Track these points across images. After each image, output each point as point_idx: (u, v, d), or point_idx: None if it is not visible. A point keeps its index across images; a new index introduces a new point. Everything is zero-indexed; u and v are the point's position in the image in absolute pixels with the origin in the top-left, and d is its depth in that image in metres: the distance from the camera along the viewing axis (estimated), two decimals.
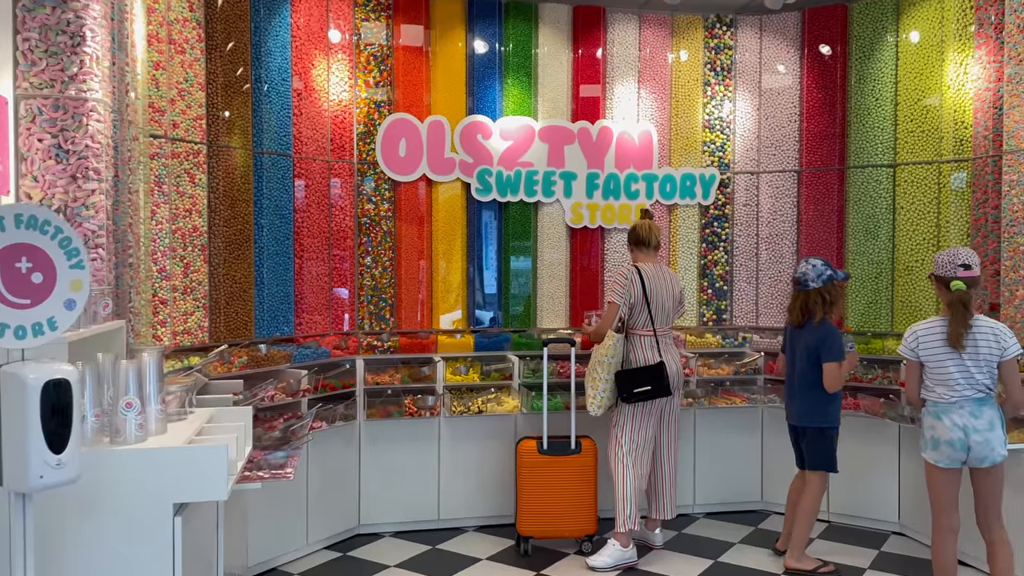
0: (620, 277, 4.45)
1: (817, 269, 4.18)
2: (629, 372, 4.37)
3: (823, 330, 4.15)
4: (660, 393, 4.32)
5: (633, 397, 4.33)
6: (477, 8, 5.20)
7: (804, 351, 4.19)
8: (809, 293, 4.20)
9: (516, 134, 5.24)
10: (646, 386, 4.30)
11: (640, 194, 5.43)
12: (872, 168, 5.19)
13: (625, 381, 4.35)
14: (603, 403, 4.44)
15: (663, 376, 4.31)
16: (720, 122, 5.56)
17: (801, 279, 4.22)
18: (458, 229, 5.22)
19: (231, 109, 4.38)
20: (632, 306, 4.41)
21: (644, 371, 4.35)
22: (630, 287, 4.40)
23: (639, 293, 4.39)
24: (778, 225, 5.52)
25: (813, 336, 4.16)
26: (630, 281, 4.41)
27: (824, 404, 4.21)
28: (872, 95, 5.18)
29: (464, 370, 4.92)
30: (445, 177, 5.17)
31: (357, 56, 5.05)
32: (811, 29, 5.38)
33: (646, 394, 4.31)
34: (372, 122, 5.06)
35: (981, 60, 4.67)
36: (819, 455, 4.22)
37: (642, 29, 5.46)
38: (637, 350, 4.43)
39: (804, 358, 4.20)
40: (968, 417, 3.44)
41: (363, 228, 5.07)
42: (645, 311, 4.40)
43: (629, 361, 4.44)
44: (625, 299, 4.40)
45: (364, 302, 5.08)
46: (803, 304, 4.22)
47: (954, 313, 3.48)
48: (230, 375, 4.16)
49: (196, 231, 4.21)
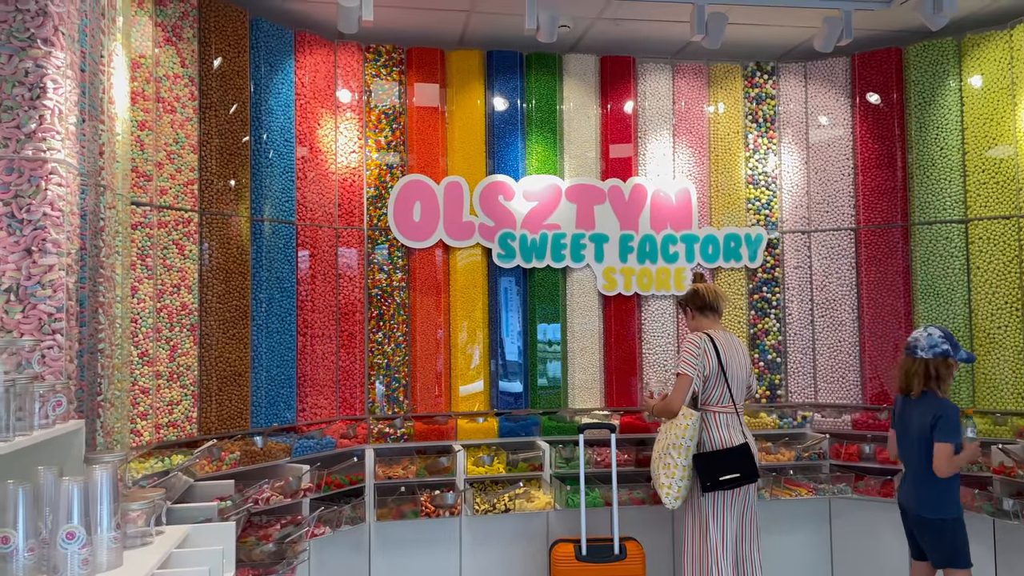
0: (691, 346, 3.86)
1: (932, 339, 3.61)
2: (713, 455, 3.75)
3: (938, 406, 3.56)
4: (748, 479, 3.71)
5: (718, 485, 3.69)
6: (496, 62, 4.80)
7: (917, 429, 3.62)
8: (914, 362, 3.63)
9: (541, 194, 4.77)
10: (734, 472, 3.68)
11: (679, 257, 4.91)
12: (940, 224, 4.64)
13: (709, 466, 3.72)
14: (681, 493, 3.80)
15: (751, 459, 3.71)
16: (765, 177, 5.07)
17: (911, 345, 3.66)
18: (479, 299, 4.71)
19: (227, 173, 3.96)
20: (706, 379, 3.82)
21: (730, 454, 3.73)
22: (703, 357, 3.81)
23: (714, 364, 3.80)
24: (834, 289, 4.96)
25: (927, 412, 3.57)
26: (703, 350, 3.82)
27: (944, 490, 3.58)
28: (936, 144, 4.67)
29: (488, 460, 4.34)
30: (464, 242, 4.69)
31: (367, 115, 4.65)
32: (862, 75, 4.92)
33: (733, 482, 3.68)
34: (384, 185, 4.62)
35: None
36: (948, 550, 3.58)
37: (676, 79, 5.03)
38: (712, 430, 3.80)
39: (916, 436, 3.62)
40: None
41: (374, 300, 4.58)
42: (722, 384, 3.81)
43: (702, 443, 3.82)
44: (699, 371, 3.81)
45: (375, 383, 4.54)
46: (905, 371, 3.68)
47: None
48: (219, 474, 3.62)
49: (185, 309, 3.74)
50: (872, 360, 4.81)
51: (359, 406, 4.51)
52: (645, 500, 4.33)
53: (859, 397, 4.86)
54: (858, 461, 4.65)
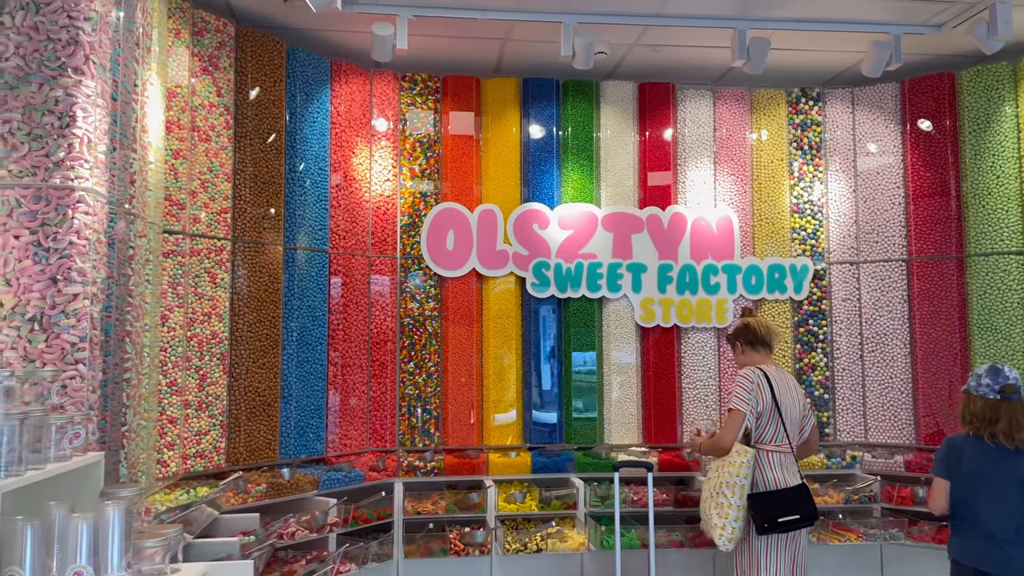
0: (744, 380, 3.66)
1: (1015, 373, 3.23)
2: (771, 496, 3.52)
3: None
4: (807, 522, 3.50)
5: (776, 527, 3.49)
6: (532, 89, 4.75)
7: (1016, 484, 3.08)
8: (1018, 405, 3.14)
9: (576, 223, 4.67)
10: (793, 514, 3.47)
11: (721, 288, 4.75)
12: (998, 256, 4.41)
13: (766, 506, 3.49)
14: (736, 535, 3.58)
15: (811, 500, 3.50)
16: (811, 206, 4.89)
17: (1017, 386, 3.17)
18: (512, 329, 4.61)
19: (261, 201, 3.95)
20: (759, 415, 3.62)
21: (788, 494, 3.52)
22: (757, 392, 3.60)
23: (768, 400, 3.60)
24: (884, 323, 4.74)
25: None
26: (757, 385, 3.61)
27: None
28: (992, 172, 4.46)
29: (520, 496, 4.20)
30: (497, 271, 4.60)
31: (402, 143, 4.62)
32: (912, 101, 4.74)
33: (792, 524, 3.47)
34: (418, 213, 4.57)
35: None
36: None
37: (717, 106, 4.90)
38: (766, 469, 3.58)
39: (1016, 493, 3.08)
40: None
41: (406, 329, 4.51)
42: (776, 422, 3.59)
43: (755, 482, 3.62)
44: (752, 407, 3.60)
45: (406, 414, 4.46)
46: (1011, 419, 3.13)
47: None
48: (245, 507, 3.56)
49: (215, 337, 3.71)
50: (926, 398, 4.57)
51: (389, 438, 4.42)
52: (684, 543, 4.14)
53: (912, 437, 4.61)
54: (911, 505, 4.39)
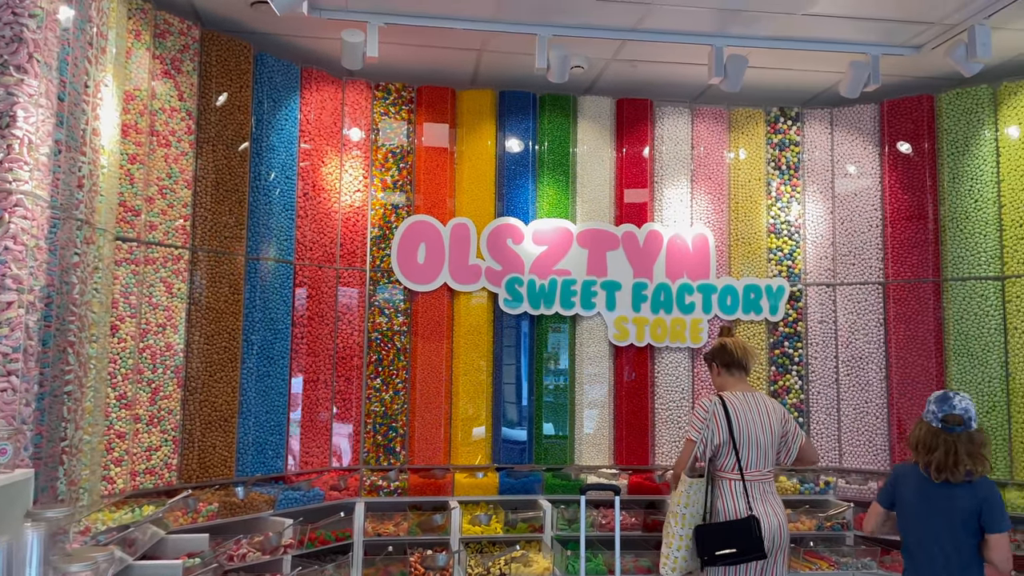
0: (700, 410, 3.57)
1: (974, 406, 3.05)
2: (712, 528, 3.43)
3: (983, 490, 2.91)
4: (750, 556, 3.37)
5: (715, 561, 3.39)
6: (509, 102, 4.67)
7: (960, 518, 2.91)
8: (972, 435, 2.96)
9: (551, 238, 4.58)
10: (730, 547, 3.36)
11: (696, 307, 4.67)
12: (975, 281, 4.36)
13: (707, 539, 3.41)
14: (679, 565, 3.48)
15: (752, 534, 3.36)
16: (787, 227, 4.83)
17: (964, 417, 2.97)
18: (483, 346, 4.50)
19: (223, 210, 3.83)
20: (717, 446, 3.53)
21: (729, 528, 3.41)
22: (712, 422, 3.52)
23: (724, 429, 3.51)
24: (861, 346, 4.67)
25: (971, 498, 2.90)
26: (712, 415, 3.52)
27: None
28: (970, 196, 4.41)
29: (485, 519, 4.08)
30: (469, 286, 4.50)
31: (374, 154, 4.52)
32: (891, 122, 4.70)
33: (731, 558, 3.36)
34: (388, 225, 4.47)
35: None
36: None
37: (695, 123, 4.84)
38: (726, 498, 3.48)
39: (959, 528, 2.92)
40: None
41: (374, 344, 4.39)
42: (732, 452, 3.50)
43: (716, 512, 3.52)
44: (705, 436, 3.52)
45: (371, 432, 4.33)
46: (968, 450, 2.93)
47: None
48: (194, 527, 3.41)
49: (170, 349, 3.58)
50: (901, 423, 4.50)
51: (353, 456, 4.29)
52: (651, 569, 4.03)
53: (887, 463, 4.53)
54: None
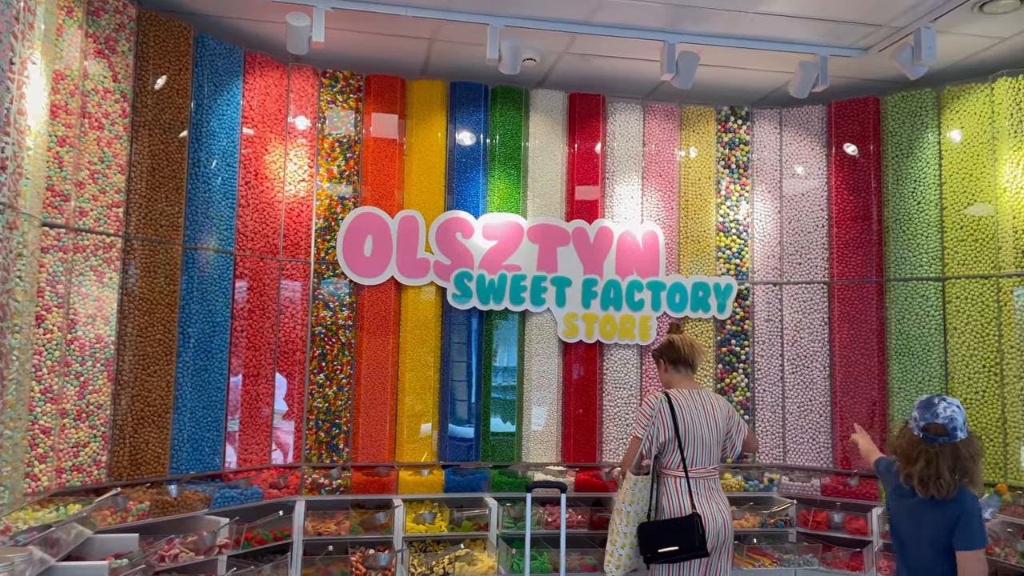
0: (646, 407, 3.57)
1: (962, 412, 2.70)
2: (655, 525, 3.44)
3: (961, 504, 2.63)
4: (692, 554, 3.37)
5: (658, 558, 3.39)
6: (460, 93, 4.59)
7: (934, 535, 2.68)
8: (958, 447, 2.64)
9: (501, 232, 4.52)
10: (672, 545, 3.36)
11: (645, 304, 4.66)
12: (917, 281, 4.44)
13: (649, 536, 3.41)
14: (622, 563, 3.48)
15: (695, 531, 3.37)
16: (736, 225, 4.86)
17: (948, 427, 2.65)
18: (431, 341, 4.42)
19: (158, 196, 3.68)
20: (662, 444, 3.53)
21: (671, 525, 3.42)
22: (658, 419, 3.52)
23: (669, 427, 3.51)
24: (806, 344, 4.72)
25: (944, 513, 2.65)
26: (658, 412, 3.53)
27: None
28: (913, 199, 4.49)
29: (429, 517, 4.00)
30: (417, 280, 4.42)
31: (320, 143, 4.40)
32: (839, 124, 4.75)
33: (673, 556, 3.37)
34: (334, 216, 4.36)
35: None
36: None
37: (647, 120, 4.83)
38: (671, 496, 3.49)
39: (928, 543, 2.69)
40: None
41: (317, 339, 4.28)
42: (678, 450, 3.50)
43: (661, 509, 3.52)
44: (650, 434, 3.52)
45: (314, 428, 4.22)
46: (953, 464, 2.63)
47: None
48: (124, 526, 3.27)
49: (100, 341, 3.43)
50: (843, 421, 4.56)
51: (294, 453, 4.18)
52: (596, 567, 4.01)
53: (829, 460, 4.59)
54: (827, 530, 4.36)
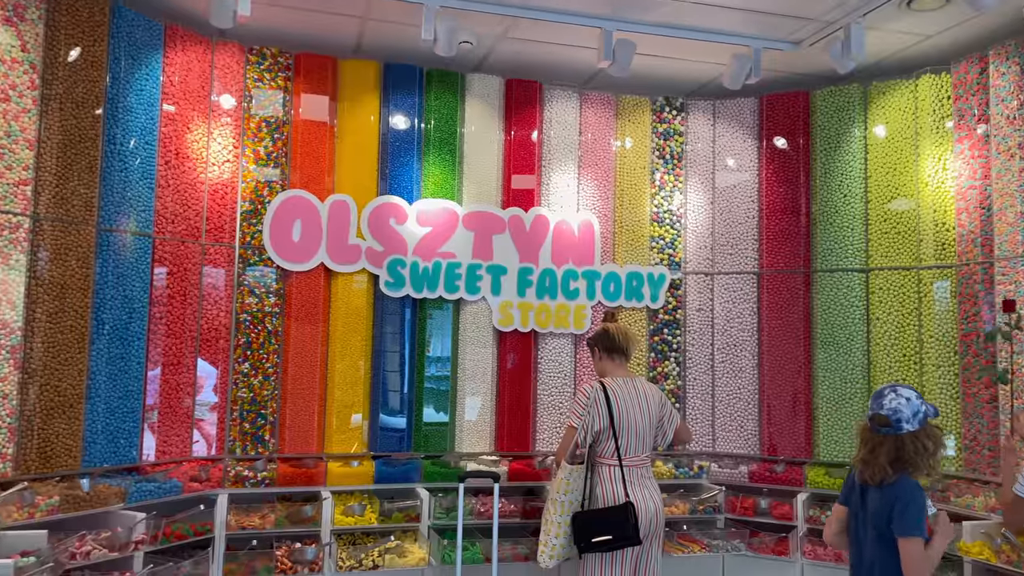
0: (581, 396, 3.58)
1: (913, 405, 2.65)
2: (589, 515, 3.45)
3: (896, 490, 2.61)
4: (625, 542, 3.39)
5: (592, 547, 3.39)
6: (394, 76, 4.48)
7: (875, 522, 2.66)
8: (903, 439, 2.62)
9: (436, 219, 4.44)
10: (606, 535, 3.36)
11: (580, 293, 4.66)
12: (842, 273, 4.55)
13: (581, 527, 3.42)
14: (556, 553, 3.48)
15: (628, 520, 3.38)
16: (670, 216, 4.89)
17: (892, 418, 2.65)
18: (362, 330, 4.32)
19: (70, 175, 3.47)
20: (597, 432, 3.53)
21: (605, 514, 3.43)
22: (593, 408, 3.53)
23: (604, 415, 3.52)
24: (735, 334, 4.80)
25: (886, 499, 2.62)
26: (593, 401, 3.53)
27: None
28: (840, 192, 4.60)
29: (359, 509, 3.92)
30: (348, 267, 4.30)
31: (246, 123, 4.23)
32: (770, 117, 4.83)
33: (606, 544, 3.37)
34: (261, 199, 4.20)
35: (963, 155, 4.14)
36: None
37: (583, 109, 4.81)
38: (605, 485, 3.50)
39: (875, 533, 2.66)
40: None
41: (242, 327, 4.13)
42: (612, 438, 3.51)
43: (595, 498, 3.52)
44: (586, 423, 3.52)
45: (238, 419, 4.07)
46: (895, 455, 2.62)
47: None
48: (31, 523, 3.09)
49: (5, 327, 3.22)
50: (770, 409, 4.66)
51: (217, 445, 4.03)
52: (529, 556, 3.99)
53: (756, 447, 4.68)
54: (753, 516, 4.45)
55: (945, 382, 4.15)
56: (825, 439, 4.48)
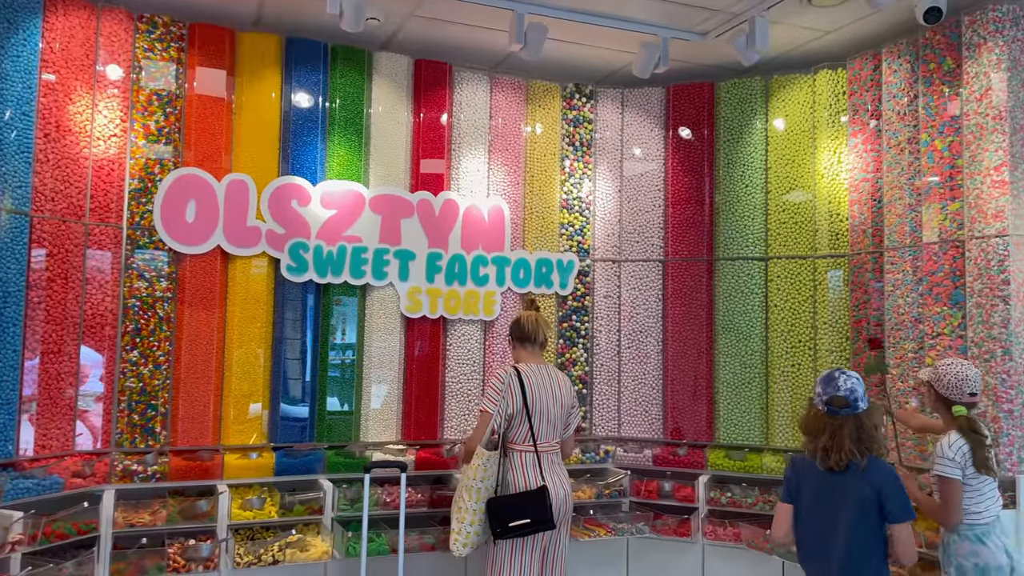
0: (496, 381, 3.55)
1: (861, 383, 2.74)
2: (506, 500, 3.43)
3: (880, 476, 2.67)
4: (542, 526, 3.38)
5: (508, 532, 3.36)
6: (297, 51, 4.29)
7: (856, 507, 2.67)
8: (860, 418, 2.69)
9: (341, 201, 4.30)
10: (524, 518, 3.35)
11: (490, 279, 4.61)
12: (743, 261, 4.68)
13: (498, 512, 3.39)
14: (470, 540, 3.43)
15: (545, 504, 3.38)
16: (579, 203, 4.90)
17: (850, 398, 2.69)
18: (262, 316, 4.14)
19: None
20: (511, 416, 3.51)
21: (522, 499, 3.41)
22: (507, 393, 3.50)
23: (518, 400, 3.50)
24: (641, 320, 4.87)
25: (868, 483, 2.66)
26: (507, 385, 3.51)
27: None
28: (742, 182, 4.72)
29: (258, 502, 3.76)
30: (247, 250, 4.11)
31: (135, 95, 3.97)
32: (676, 107, 4.90)
33: (524, 528, 3.36)
34: (152, 177, 3.95)
35: (857, 149, 4.32)
36: None
37: (494, 93, 4.75)
38: (517, 470, 3.48)
39: (855, 518, 2.67)
40: (1003, 536, 3.06)
41: (131, 313, 3.88)
42: (526, 422, 3.50)
43: (507, 484, 3.49)
44: (501, 408, 3.49)
45: (126, 410, 3.83)
46: (857, 435, 2.67)
47: (969, 439, 3.00)
48: None
49: None
50: (674, 394, 4.76)
51: (103, 438, 3.78)
52: (436, 546, 3.94)
53: (660, 431, 4.77)
54: (657, 498, 4.54)
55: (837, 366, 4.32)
56: (725, 422, 4.61)
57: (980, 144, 3.65)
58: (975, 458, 2.97)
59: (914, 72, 4.00)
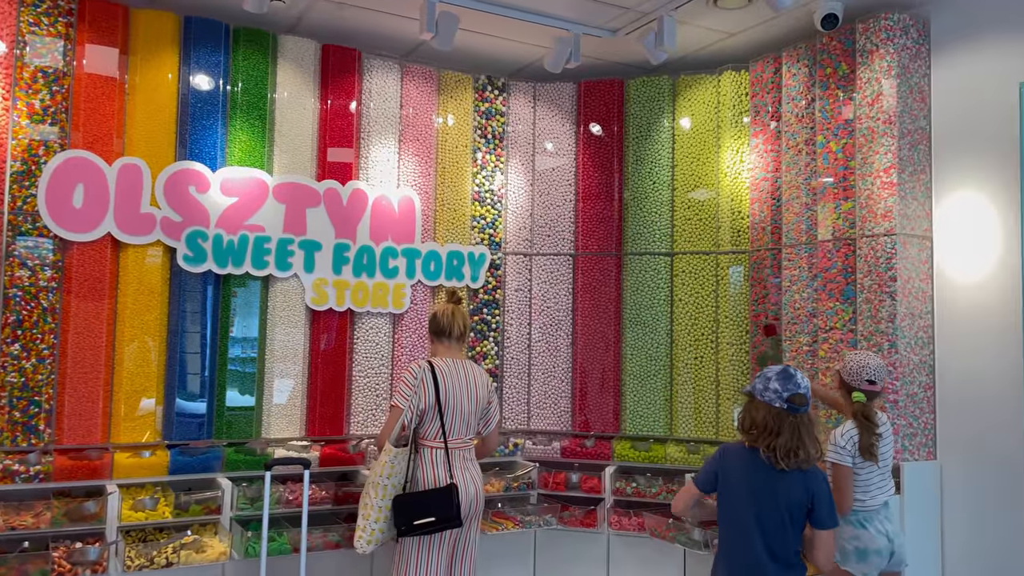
0: (408, 375, 3.48)
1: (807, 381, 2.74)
2: (411, 497, 3.37)
3: (815, 481, 2.68)
4: (447, 524, 3.35)
5: (413, 530, 3.32)
6: (196, 30, 4.10)
7: (787, 508, 2.65)
8: (811, 416, 2.70)
9: (243, 189, 4.14)
10: (428, 516, 3.31)
11: (400, 272, 4.54)
12: (649, 256, 4.77)
13: (403, 509, 3.34)
14: (375, 538, 3.36)
15: (451, 502, 3.34)
16: (491, 195, 4.89)
17: (807, 396, 2.67)
18: (156, 308, 3.94)
19: None
20: (423, 412, 3.45)
21: (428, 496, 3.37)
22: (420, 387, 3.44)
23: (431, 395, 3.44)
24: (552, 313, 4.90)
25: (805, 486, 2.66)
26: (420, 380, 3.45)
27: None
28: (649, 179, 4.80)
29: (151, 503, 3.59)
30: (141, 238, 3.90)
31: (18, 72, 3.70)
32: (587, 103, 4.95)
33: (428, 527, 3.31)
34: (35, 159, 3.70)
35: (758, 148, 4.46)
36: None
37: (404, 82, 4.68)
38: (427, 467, 3.43)
39: (787, 519, 2.65)
40: (886, 522, 3.22)
41: (12, 303, 3.63)
42: (438, 419, 3.44)
43: (416, 481, 3.44)
44: (412, 403, 3.42)
45: (7, 407, 3.59)
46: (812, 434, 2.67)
47: (860, 425, 3.16)
48: None
49: None
50: (583, 386, 4.81)
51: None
52: (341, 543, 3.86)
53: (569, 424, 4.82)
54: (565, 490, 4.59)
55: (737, 360, 4.48)
56: (632, 414, 4.70)
57: (871, 147, 3.83)
58: (860, 444, 3.12)
59: (812, 76, 4.16)
